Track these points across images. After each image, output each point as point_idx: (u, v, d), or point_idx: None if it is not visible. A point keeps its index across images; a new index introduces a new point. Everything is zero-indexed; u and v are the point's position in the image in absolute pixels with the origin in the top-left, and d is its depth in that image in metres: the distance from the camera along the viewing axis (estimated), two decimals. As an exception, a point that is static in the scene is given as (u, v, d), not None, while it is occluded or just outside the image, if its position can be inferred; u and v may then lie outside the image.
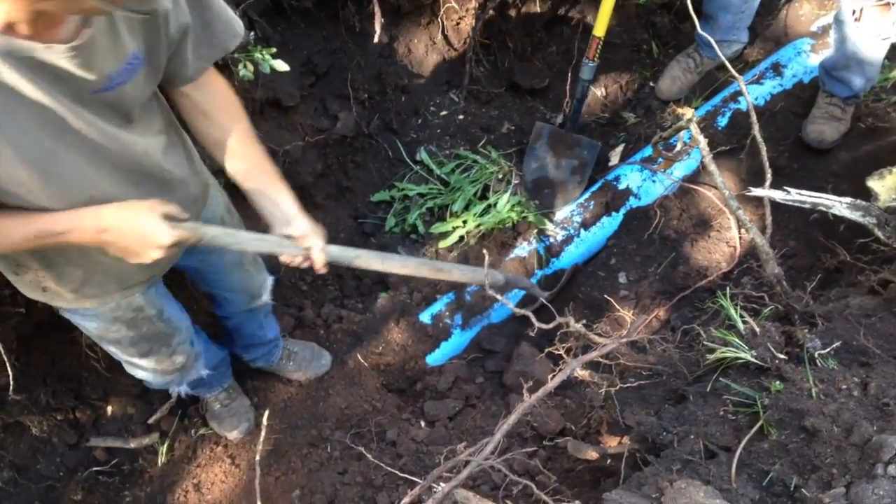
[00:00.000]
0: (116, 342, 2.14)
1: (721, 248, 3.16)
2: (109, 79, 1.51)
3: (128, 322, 2.08)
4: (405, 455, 2.76)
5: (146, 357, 2.25)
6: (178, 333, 2.30)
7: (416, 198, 3.45)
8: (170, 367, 2.36)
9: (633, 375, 2.41)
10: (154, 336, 2.20)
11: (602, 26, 3.13)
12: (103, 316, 2.02)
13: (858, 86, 3.11)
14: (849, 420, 1.71)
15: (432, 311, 3.21)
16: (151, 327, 2.15)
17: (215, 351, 2.73)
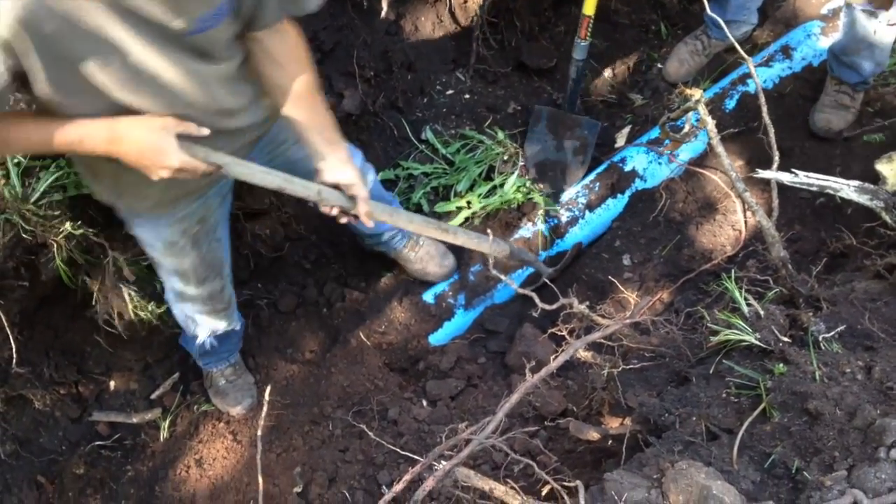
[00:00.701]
0: (178, 264, 2.27)
1: (726, 231, 3.15)
2: (199, 22, 1.60)
3: (193, 237, 2.20)
4: (406, 434, 2.77)
5: (202, 284, 2.38)
6: (226, 265, 2.45)
7: (421, 177, 3.43)
8: (220, 305, 2.52)
9: (636, 357, 2.40)
10: (211, 261, 2.34)
11: (591, 5, 3.10)
12: (174, 227, 2.14)
13: (868, 71, 3.07)
14: (852, 403, 1.71)
15: (435, 290, 3.20)
16: (210, 247, 2.29)
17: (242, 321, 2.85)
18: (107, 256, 2.28)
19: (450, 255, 3.21)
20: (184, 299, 2.46)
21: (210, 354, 2.80)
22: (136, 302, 2.38)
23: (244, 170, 1.89)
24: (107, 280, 2.31)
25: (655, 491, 1.68)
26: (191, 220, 2.16)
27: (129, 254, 2.33)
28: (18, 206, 2.05)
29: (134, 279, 2.34)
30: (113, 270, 2.30)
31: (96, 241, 2.25)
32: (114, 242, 2.32)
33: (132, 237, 2.35)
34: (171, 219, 2.13)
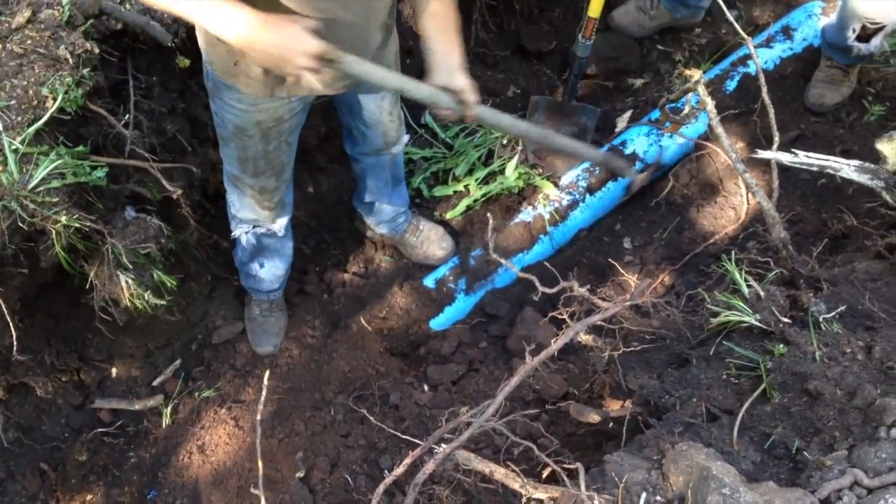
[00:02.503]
0: (241, 151, 2.35)
1: (727, 213, 3.14)
2: None
3: (263, 131, 2.28)
4: (408, 418, 2.77)
5: (258, 177, 2.46)
6: (287, 170, 2.52)
7: (421, 162, 3.42)
8: (268, 202, 2.58)
9: (637, 339, 2.40)
10: (273, 160, 2.41)
11: (597, 7, 3.08)
12: (251, 115, 2.21)
13: (862, 53, 3.06)
14: (852, 383, 1.70)
15: (436, 275, 3.20)
16: (278, 147, 2.37)
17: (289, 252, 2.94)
18: (105, 243, 2.27)
19: (448, 237, 3.23)
20: (236, 184, 2.54)
21: (255, 281, 2.93)
22: (133, 290, 2.37)
23: (366, 68, 1.95)
24: (105, 267, 2.30)
25: (656, 472, 1.68)
26: (269, 115, 2.23)
27: (127, 241, 2.31)
28: (16, 193, 2.04)
29: (132, 267, 2.32)
30: (111, 258, 2.29)
31: (95, 229, 2.24)
32: (112, 229, 2.31)
33: (130, 224, 2.35)
34: (252, 106, 2.19)
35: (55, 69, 2.20)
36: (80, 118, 2.31)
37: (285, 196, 2.63)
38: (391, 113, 2.63)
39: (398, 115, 2.70)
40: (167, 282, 2.51)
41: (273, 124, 2.27)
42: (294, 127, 2.37)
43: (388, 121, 2.64)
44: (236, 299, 3.19)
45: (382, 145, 2.75)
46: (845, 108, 3.26)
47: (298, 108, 2.29)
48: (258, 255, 2.83)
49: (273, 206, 2.61)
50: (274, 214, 2.65)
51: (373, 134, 2.68)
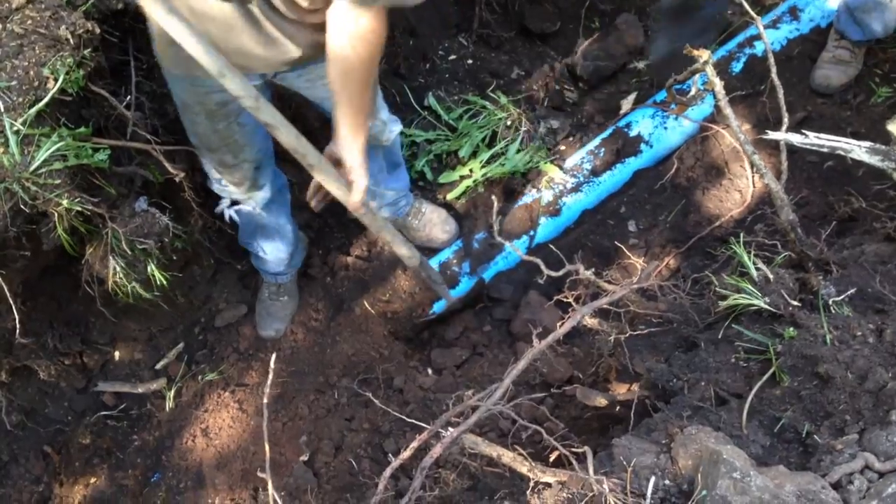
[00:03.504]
0: (191, 126, 2.34)
1: (733, 196, 3.12)
2: None
3: (208, 111, 2.23)
4: (412, 402, 2.76)
5: (214, 152, 2.41)
6: (247, 150, 2.43)
7: (424, 144, 3.39)
8: (233, 178, 2.52)
9: (643, 323, 2.39)
10: (225, 139, 2.35)
11: None
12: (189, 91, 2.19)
13: (875, 31, 3.03)
14: (863, 367, 1.69)
15: (439, 258, 3.18)
16: (228, 128, 2.30)
17: (296, 236, 2.95)
18: (106, 227, 2.26)
19: (451, 220, 3.21)
20: (201, 154, 2.49)
21: (262, 264, 2.94)
22: (119, 278, 2.36)
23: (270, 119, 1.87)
24: (101, 247, 2.30)
25: (664, 456, 1.67)
26: (209, 97, 2.18)
27: (129, 230, 2.30)
28: (18, 175, 2.02)
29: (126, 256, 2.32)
30: (109, 241, 2.28)
31: (97, 212, 2.23)
32: (116, 215, 2.30)
33: (137, 215, 2.35)
34: (191, 85, 2.16)
35: (56, 50, 2.17)
36: (82, 99, 2.29)
37: (252, 174, 2.54)
38: None
39: (379, 117, 2.62)
40: (159, 277, 2.49)
41: (216, 107, 2.22)
42: (242, 109, 2.25)
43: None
44: (239, 283, 3.18)
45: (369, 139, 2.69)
46: (852, 89, 3.23)
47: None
48: (256, 234, 2.80)
49: (239, 182, 2.55)
50: (244, 189, 2.58)
51: None
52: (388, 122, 2.70)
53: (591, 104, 3.55)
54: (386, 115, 2.69)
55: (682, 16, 3.18)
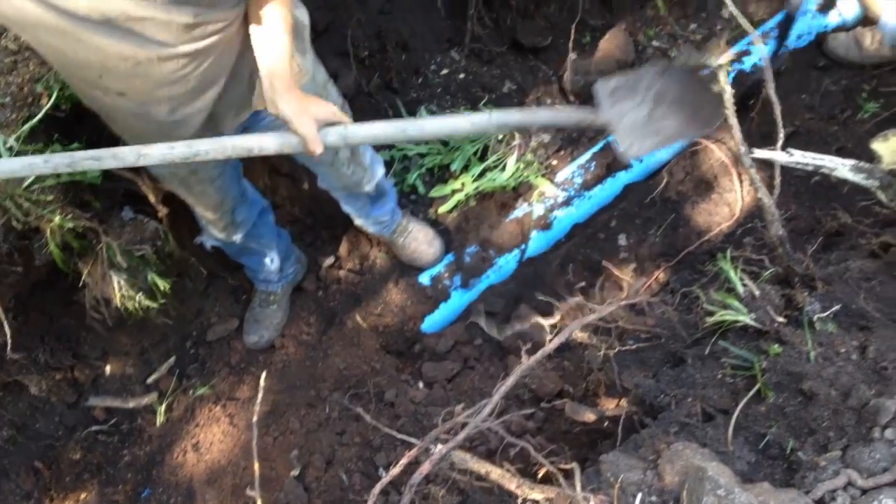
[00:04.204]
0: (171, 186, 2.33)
1: (722, 210, 3.14)
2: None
3: (181, 178, 2.23)
4: (403, 416, 2.77)
5: (194, 206, 2.42)
6: (223, 205, 2.44)
7: (416, 158, 3.41)
8: (212, 225, 2.53)
9: (632, 338, 2.41)
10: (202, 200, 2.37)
11: None
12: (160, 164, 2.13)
13: None
14: (847, 384, 1.71)
15: (431, 272, 3.19)
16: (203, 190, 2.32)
17: (286, 249, 2.98)
18: (100, 242, 2.27)
19: (438, 239, 3.22)
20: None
21: (248, 269, 2.97)
22: (125, 291, 2.36)
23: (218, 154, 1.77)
24: (98, 266, 2.30)
25: (651, 472, 1.69)
26: (180, 166, 2.15)
27: (123, 241, 2.31)
28: (11, 192, 2.03)
29: (126, 267, 2.32)
30: (106, 257, 2.28)
31: (90, 227, 2.24)
32: (108, 228, 2.31)
33: (127, 224, 2.35)
34: None
35: (49, 66, 2.19)
36: (75, 116, 2.30)
37: (231, 217, 2.54)
38: (348, 167, 2.54)
39: (361, 163, 2.59)
40: (161, 284, 2.50)
41: (188, 174, 2.21)
42: (215, 176, 2.29)
43: (346, 173, 2.56)
44: (231, 296, 3.19)
45: (349, 187, 2.69)
46: (839, 105, 3.26)
47: (210, 162, 2.19)
48: (241, 255, 2.83)
49: (221, 228, 2.56)
50: (225, 233, 2.60)
51: (332, 179, 2.64)
52: (371, 164, 2.66)
53: (582, 119, 3.57)
54: (369, 157, 2.65)
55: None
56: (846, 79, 3.33)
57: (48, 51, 1.67)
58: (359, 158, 2.57)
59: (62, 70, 1.77)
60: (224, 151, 1.77)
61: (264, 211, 2.77)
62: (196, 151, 1.74)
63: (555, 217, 3.25)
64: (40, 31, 1.56)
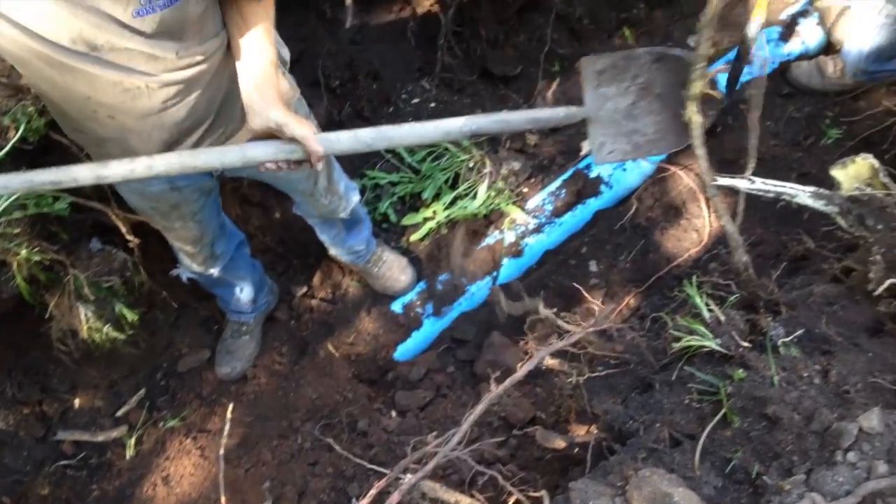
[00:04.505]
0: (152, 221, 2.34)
1: (690, 235, 3.18)
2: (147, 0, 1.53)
3: (163, 213, 2.24)
4: (376, 445, 2.76)
5: (174, 241, 2.44)
6: (203, 239, 2.45)
7: (388, 186, 3.43)
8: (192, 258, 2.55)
9: (602, 364, 2.42)
10: (183, 235, 2.38)
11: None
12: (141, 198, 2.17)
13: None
14: (809, 407, 1.73)
15: (403, 300, 3.20)
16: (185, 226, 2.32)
17: (259, 280, 2.97)
18: (67, 274, 2.26)
19: (410, 268, 3.24)
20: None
21: (220, 300, 2.97)
22: (92, 323, 2.35)
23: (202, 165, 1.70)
24: (65, 298, 2.29)
25: (619, 499, 1.69)
26: (161, 201, 2.17)
27: (90, 273, 2.30)
28: (-25, 226, 2.02)
29: (93, 299, 2.30)
30: (73, 289, 2.27)
31: (57, 259, 2.23)
32: (75, 260, 2.29)
33: (95, 255, 2.34)
34: (138, 191, 2.14)
35: (17, 98, 2.18)
36: (43, 148, 2.29)
37: (210, 250, 2.56)
38: (326, 197, 2.57)
39: (336, 192, 2.62)
40: (129, 315, 2.48)
41: (170, 209, 2.23)
42: (196, 210, 2.31)
43: (324, 202, 2.60)
44: (202, 327, 3.17)
45: (325, 215, 2.72)
46: (803, 131, 3.33)
47: (193, 197, 2.24)
48: (216, 286, 2.82)
49: (200, 262, 2.58)
50: (204, 266, 2.61)
51: (310, 208, 2.67)
52: (346, 192, 2.70)
53: (552, 146, 3.61)
54: (344, 185, 2.68)
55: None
56: (809, 106, 3.40)
57: (40, 81, 1.68)
58: (334, 187, 2.60)
59: (54, 102, 1.76)
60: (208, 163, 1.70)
61: (241, 243, 2.78)
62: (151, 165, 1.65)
63: (526, 244, 3.28)
64: (31, 62, 1.58)
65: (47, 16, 1.48)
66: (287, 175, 2.33)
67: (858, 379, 1.77)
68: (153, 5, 1.54)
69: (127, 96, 1.70)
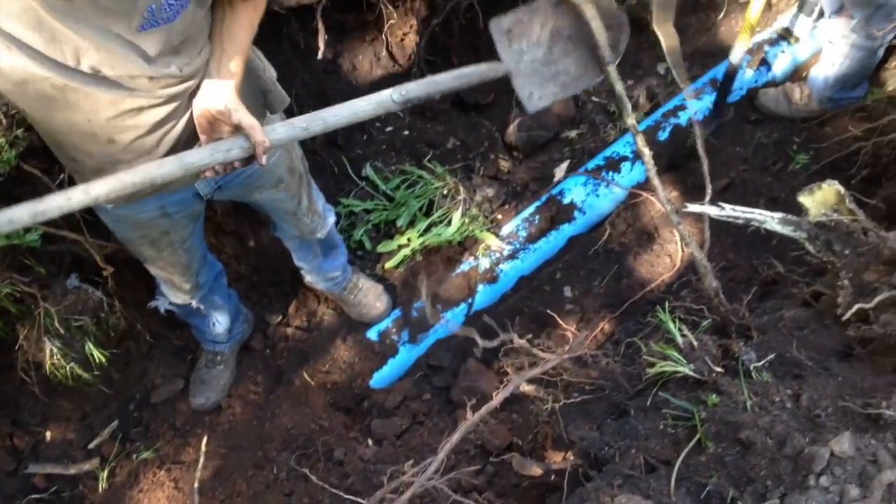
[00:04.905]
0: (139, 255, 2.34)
1: (663, 260, 3.21)
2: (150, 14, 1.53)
3: (152, 241, 2.22)
4: (353, 474, 2.74)
5: (162, 271, 2.43)
6: (191, 266, 2.46)
7: (362, 214, 3.44)
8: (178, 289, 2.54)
9: (577, 390, 2.43)
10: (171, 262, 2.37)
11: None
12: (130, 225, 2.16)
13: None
14: (782, 432, 1.74)
15: (379, 328, 3.20)
16: (173, 253, 2.31)
17: (235, 309, 2.96)
18: (38, 307, 2.24)
19: (385, 295, 3.25)
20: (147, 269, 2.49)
21: (195, 329, 2.95)
22: (56, 360, 2.32)
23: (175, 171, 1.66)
24: (34, 331, 2.26)
25: (596, 526, 1.70)
26: (151, 228, 2.17)
27: (62, 308, 2.28)
28: (-55, 258, 2.00)
29: (61, 335, 2.28)
30: (42, 323, 2.25)
31: (28, 292, 2.21)
32: (48, 294, 2.28)
33: (70, 292, 2.32)
34: (127, 219, 2.13)
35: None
36: (14, 179, 2.28)
37: (194, 281, 2.56)
38: (305, 215, 2.60)
39: (316, 210, 2.67)
40: (97, 355, 2.46)
41: (159, 236, 2.23)
42: (186, 237, 2.32)
43: (306, 221, 2.63)
44: (176, 356, 3.15)
45: (304, 234, 2.74)
46: (772, 157, 3.38)
47: (182, 223, 2.25)
48: (192, 316, 2.81)
49: (187, 291, 2.58)
50: (189, 296, 2.61)
51: (288, 227, 2.69)
52: (324, 212, 2.74)
53: (526, 172, 3.65)
54: (321, 205, 2.72)
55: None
56: (777, 132, 3.46)
57: (39, 107, 1.66)
58: (314, 206, 2.63)
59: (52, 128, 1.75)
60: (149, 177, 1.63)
61: (220, 274, 2.78)
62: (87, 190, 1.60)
63: (501, 270, 3.29)
64: (33, 87, 1.58)
65: (53, 37, 1.49)
66: (270, 195, 2.35)
67: (829, 403, 1.79)
68: (157, 18, 1.56)
69: (128, 116, 1.71)
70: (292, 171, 2.38)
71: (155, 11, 1.54)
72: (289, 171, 2.35)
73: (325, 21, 3.13)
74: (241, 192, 2.29)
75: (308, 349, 3.18)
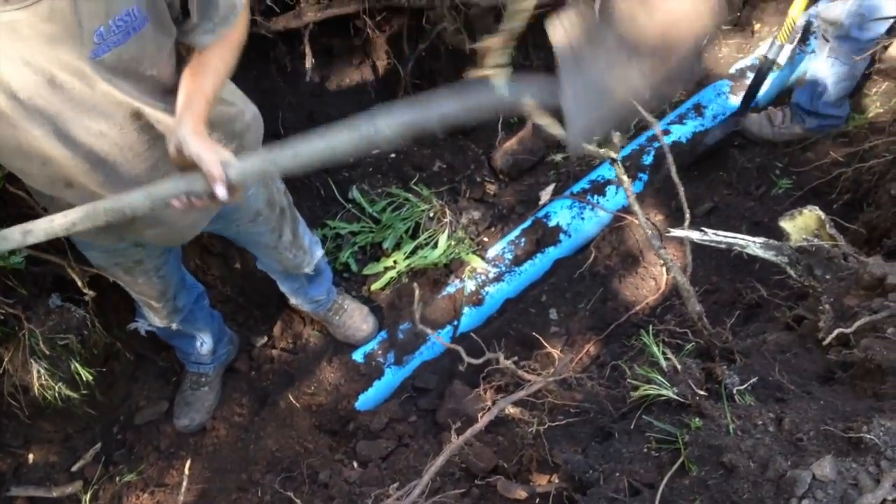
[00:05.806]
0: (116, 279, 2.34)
1: (648, 283, 3.24)
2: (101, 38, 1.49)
3: (126, 269, 2.24)
4: (338, 497, 2.73)
5: (139, 296, 2.45)
6: (167, 293, 2.48)
7: (348, 236, 3.45)
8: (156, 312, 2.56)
9: (562, 413, 2.43)
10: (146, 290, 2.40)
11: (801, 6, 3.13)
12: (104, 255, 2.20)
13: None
14: (764, 455, 1.76)
15: (365, 349, 3.20)
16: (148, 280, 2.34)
17: (219, 331, 2.98)
18: (23, 329, 2.23)
19: (371, 317, 3.25)
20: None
21: (179, 351, 2.97)
22: (44, 381, 2.32)
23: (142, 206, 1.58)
24: (19, 353, 2.26)
25: (580, 550, 1.70)
26: (125, 256, 2.18)
27: (46, 328, 2.27)
28: (-72, 279, 2.00)
29: (48, 355, 2.28)
30: (27, 345, 2.24)
31: (12, 314, 2.20)
32: (32, 315, 2.27)
33: (53, 312, 2.32)
34: (100, 247, 2.14)
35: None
36: (0, 201, 2.28)
37: (172, 304, 2.56)
38: (290, 251, 2.60)
39: (301, 246, 2.66)
40: (84, 374, 2.46)
41: (133, 265, 2.24)
42: (160, 265, 2.33)
43: (289, 256, 2.62)
44: (161, 378, 3.14)
45: (289, 269, 2.74)
46: (755, 181, 3.42)
47: (156, 252, 2.27)
48: (174, 338, 2.81)
49: (165, 315, 2.59)
50: (167, 320, 2.62)
51: (269, 261, 2.69)
52: (310, 247, 2.74)
53: (512, 195, 3.67)
54: (308, 240, 2.71)
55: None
56: (760, 157, 3.50)
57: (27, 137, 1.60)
58: (299, 241, 2.62)
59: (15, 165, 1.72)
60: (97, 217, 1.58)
61: (200, 296, 2.78)
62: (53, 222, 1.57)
63: (486, 292, 3.31)
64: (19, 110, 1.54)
65: (13, 68, 1.46)
66: (248, 229, 2.34)
67: (811, 427, 1.80)
68: (107, 43, 1.51)
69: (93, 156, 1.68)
70: (271, 204, 2.35)
71: (104, 34, 1.49)
72: (267, 205, 2.32)
73: (312, 45, 3.16)
74: (218, 225, 2.27)
75: (293, 371, 3.18)
